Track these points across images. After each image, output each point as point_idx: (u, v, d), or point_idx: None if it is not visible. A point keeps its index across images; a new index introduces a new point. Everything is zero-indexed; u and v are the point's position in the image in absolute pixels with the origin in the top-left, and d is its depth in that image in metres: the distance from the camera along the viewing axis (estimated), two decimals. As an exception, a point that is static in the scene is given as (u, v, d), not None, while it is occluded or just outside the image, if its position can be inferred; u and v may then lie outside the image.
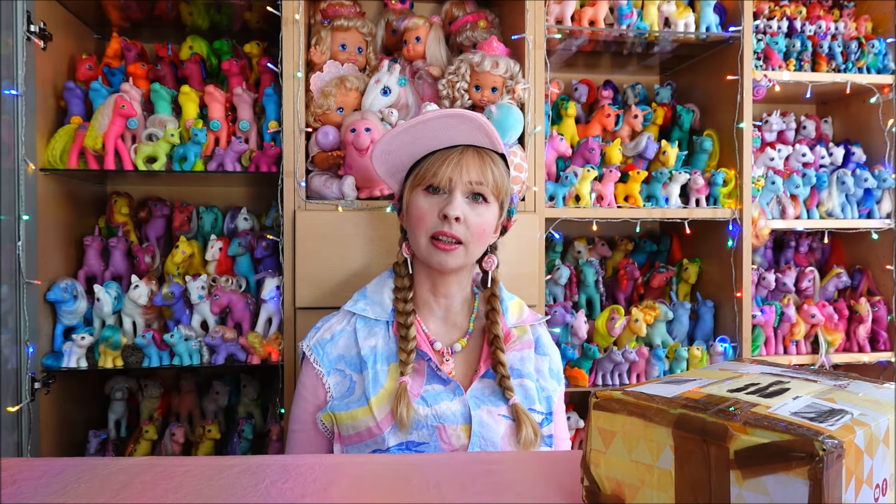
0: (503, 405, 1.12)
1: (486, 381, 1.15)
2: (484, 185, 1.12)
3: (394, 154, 1.16)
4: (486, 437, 1.08)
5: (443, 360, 1.17)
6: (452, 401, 1.10)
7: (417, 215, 1.13)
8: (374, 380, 1.11)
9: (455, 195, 1.11)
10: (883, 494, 0.52)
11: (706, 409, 0.53)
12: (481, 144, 1.15)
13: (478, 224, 1.12)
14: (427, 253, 1.13)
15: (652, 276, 2.03)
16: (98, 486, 0.67)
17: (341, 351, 1.16)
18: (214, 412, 1.91)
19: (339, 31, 1.73)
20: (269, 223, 1.93)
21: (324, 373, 1.14)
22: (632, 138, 1.98)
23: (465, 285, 1.22)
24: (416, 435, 1.07)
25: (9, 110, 1.46)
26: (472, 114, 1.09)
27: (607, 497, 0.58)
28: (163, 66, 1.81)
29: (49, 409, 1.62)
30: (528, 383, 1.16)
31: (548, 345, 1.27)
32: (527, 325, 1.24)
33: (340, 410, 1.10)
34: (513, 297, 1.27)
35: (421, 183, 1.13)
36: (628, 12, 1.84)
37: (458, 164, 1.11)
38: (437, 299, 1.20)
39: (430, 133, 1.12)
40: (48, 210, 1.62)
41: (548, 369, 1.23)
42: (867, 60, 2.03)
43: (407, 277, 1.20)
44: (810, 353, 2.00)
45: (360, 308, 1.19)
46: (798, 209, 2.01)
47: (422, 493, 0.67)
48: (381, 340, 1.15)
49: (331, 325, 1.19)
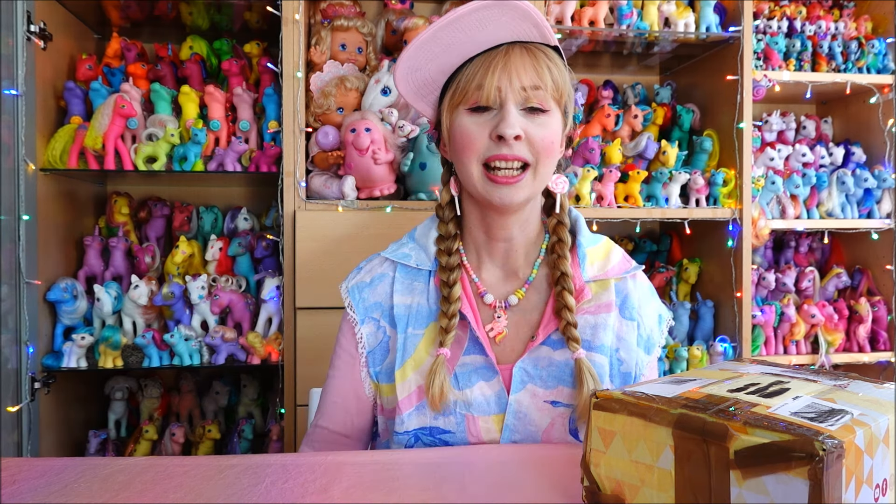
0: (556, 386, 0.90)
1: (544, 351, 0.92)
2: (542, 89, 0.88)
3: (422, 70, 0.92)
4: (520, 432, 0.90)
5: (494, 316, 0.95)
6: (491, 381, 0.91)
7: (464, 141, 0.90)
8: (402, 347, 0.93)
9: (508, 108, 0.87)
10: (883, 494, 0.52)
11: (706, 409, 0.53)
12: (529, 39, 0.91)
13: (543, 137, 0.89)
14: (483, 189, 0.90)
15: (652, 276, 2.03)
16: (98, 486, 0.67)
17: (379, 298, 0.97)
18: (214, 412, 1.91)
19: (339, 31, 1.73)
20: (269, 223, 1.93)
21: (357, 320, 0.97)
22: (632, 138, 1.98)
23: (530, 222, 0.97)
24: (442, 421, 0.90)
25: (9, 110, 1.46)
26: (513, 1, 0.86)
27: (607, 497, 0.58)
28: (163, 66, 1.81)
29: (49, 409, 1.62)
30: (598, 359, 0.92)
31: (639, 304, 0.96)
32: (610, 280, 0.96)
33: (382, 382, 0.96)
34: (598, 240, 1.00)
35: (462, 100, 0.90)
36: (628, 12, 1.84)
37: (505, 68, 0.88)
38: (493, 243, 0.97)
39: (463, 35, 0.88)
40: (48, 210, 1.62)
41: (634, 338, 0.95)
42: (867, 60, 2.03)
43: (452, 223, 0.98)
44: (810, 353, 2.00)
45: (402, 255, 0.98)
46: (798, 209, 2.01)
47: (421, 493, 0.67)
48: (420, 296, 0.95)
49: (372, 267, 1.00)
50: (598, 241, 1.00)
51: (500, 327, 0.94)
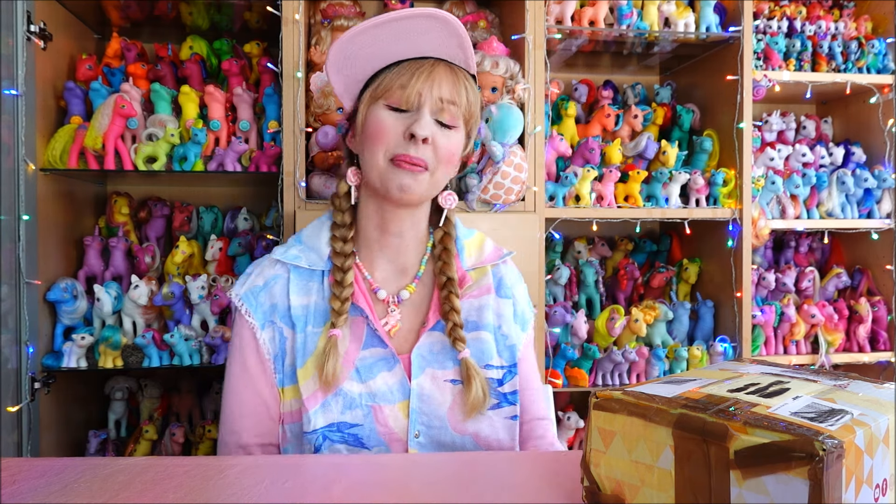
0: (453, 366, 0.97)
1: (436, 336, 0.99)
2: (456, 105, 0.96)
3: (351, 61, 0.97)
4: (427, 413, 0.95)
5: (387, 311, 1.00)
6: (392, 370, 0.96)
7: (376, 132, 0.95)
8: (302, 347, 0.95)
9: (423, 112, 0.94)
10: (883, 494, 0.52)
11: (706, 409, 0.53)
12: (453, 59, 0.98)
13: (446, 147, 0.96)
14: (386, 175, 0.95)
15: (652, 276, 2.03)
16: (98, 486, 0.67)
17: (275, 300, 0.98)
18: (214, 412, 1.91)
19: (339, 31, 1.73)
20: (269, 223, 1.93)
21: (257, 326, 0.97)
22: (632, 138, 1.98)
23: (420, 221, 1.04)
24: (349, 416, 0.93)
25: (9, 110, 1.46)
26: (448, 16, 0.93)
27: (607, 497, 0.58)
28: (163, 66, 1.81)
29: (49, 409, 1.62)
30: (484, 336, 1.01)
31: (512, 284, 1.08)
32: (487, 266, 1.06)
33: (286, 385, 0.96)
34: (472, 233, 1.10)
35: (383, 96, 0.95)
36: (628, 12, 1.84)
37: (429, 77, 0.94)
38: (385, 238, 1.02)
39: (395, 37, 0.94)
40: (48, 210, 1.62)
41: (511, 314, 1.05)
42: (867, 60, 2.03)
43: (349, 213, 1.02)
44: (810, 353, 2.00)
45: (292, 256, 1.00)
46: (798, 209, 2.01)
47: (421, 493, 0.67)
48: (316, 296, 0.98)
49: (263, 270, 1.01)
50: (472, 234, 1.10)
51: (395, 320, 1.00)
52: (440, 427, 0.95)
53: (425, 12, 0.91)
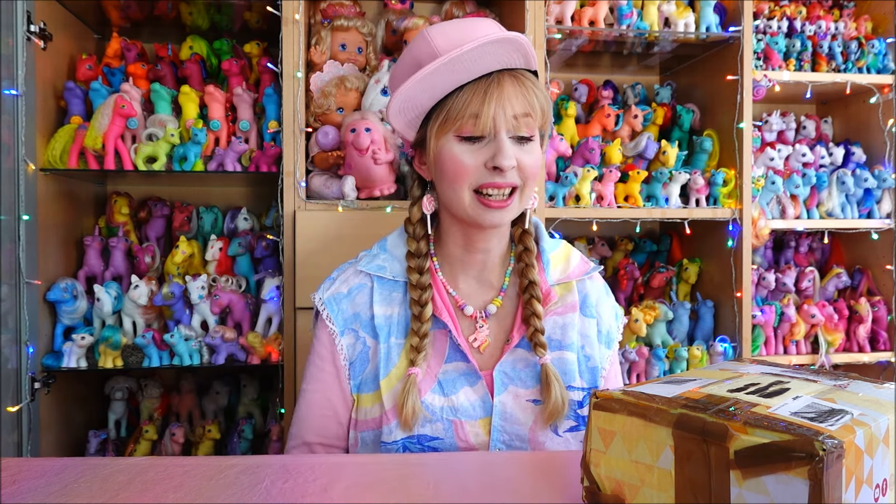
0: (534, 385, 0.94)
1: (519, 353, 0.96)
2: (531, 116, 0.91)
3: (413, 100, 0.92)
4: (509, 432, 0.93)
5: (475, 326, 0.98)
6: (474, 386, 0.94)
7: (457, 170, 0.90)
8: (386, 357, 0.94)
9: (501, 138, 0.89)
10: (883, 494, 0.52)
11: (706, 409, 0.53)
12: (516, 66, 0.92)
13: (531, 164, 0.92)
14: (473, 210, 0.92)
15: (652, 276, 2.03)
16: (98, 486, 0.67)
17: (358, 309, 0.98)
18: (214, 412, 1.91)
19: (339, 31, 1.73)
20: (269, 223, 1.93)
21: (337, 332, 0.97)
22: (632, 138, 1.98)
23: (505, 235, 1.01)
24: (429, 428, 0.92)
25: (9, 110, 1.46)
26: (513, 34, 0.88)
27: (607, 497, 0.58)
28: (163, 66, 1.81)
29: (49, 409, 1.62)
30: (568, 356, 0.97)
31: (596, 302, 1.02)
32: (572, 282, 1.01)
33: (364, 392, 0.96)
34: (558, 245, 1.05)
35: (454, 128, 0.90)
36: (628, 12, 1.84)
37: (499, 98, 0.88)
38: (471, 256, 0.99)
39: (460, 67, 0.88)
40: (48, 210, 1.62)
41: (595, 333, 1.01)
42: (867, 60, 2.03)
43: (424, 241, 0.99)
44: (810, 353, 2.00)
45: (377, 267, 0.99)
46: (798, 209, 2.01)
47: (421, 493, 0.67)
48: (399, 307, 0.97)
49: (347, 278, 1.00)
50: (558, 245, 1.05)
51: (483, 336, 0.97)
52: (520, 447, 0.94)
53: (492, 39, 0.86)
